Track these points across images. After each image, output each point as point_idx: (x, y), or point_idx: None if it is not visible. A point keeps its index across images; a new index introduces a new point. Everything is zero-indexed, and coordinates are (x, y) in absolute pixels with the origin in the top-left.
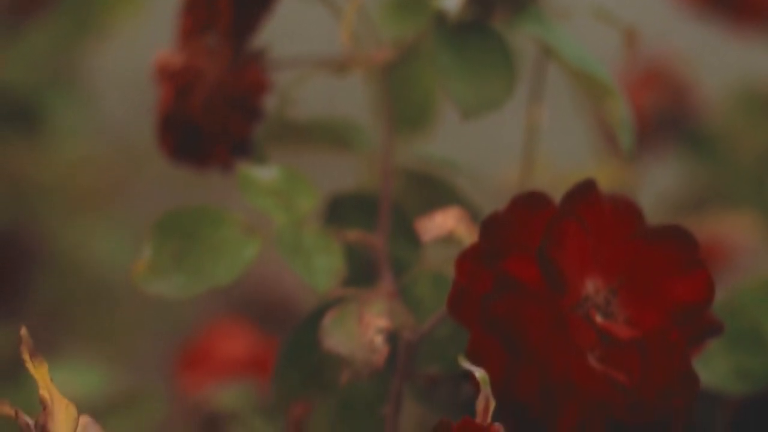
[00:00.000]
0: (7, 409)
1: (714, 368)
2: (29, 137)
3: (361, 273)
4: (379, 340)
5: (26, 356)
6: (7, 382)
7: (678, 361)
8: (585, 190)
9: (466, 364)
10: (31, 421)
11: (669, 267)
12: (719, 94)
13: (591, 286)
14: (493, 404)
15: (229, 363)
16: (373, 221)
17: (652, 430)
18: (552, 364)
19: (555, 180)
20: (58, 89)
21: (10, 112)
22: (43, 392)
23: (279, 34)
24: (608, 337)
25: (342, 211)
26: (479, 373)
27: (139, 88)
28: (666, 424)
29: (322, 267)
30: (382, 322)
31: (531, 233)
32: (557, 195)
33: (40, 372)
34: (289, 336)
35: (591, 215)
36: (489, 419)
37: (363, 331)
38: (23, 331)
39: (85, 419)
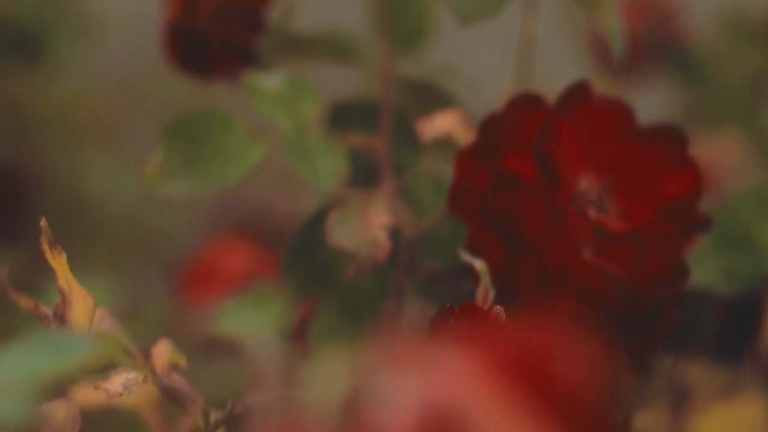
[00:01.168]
0: (26, 301)
1: (704, 269)
2: (32, 69)
3: (363, 177)
4: (381, 236)
5: (45, 247)
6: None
7: (669, 253)
8: (579, 91)
9: (466, 257)
10: (49, 312)
11: (660, 164)
12: (708, 18)
13: (585, 182)
14: (492, 293)
15: (232, 278)
16: (374, 127)
17: (645, 320)
18: (548, 256)
19: (547, 93)
20: (62, 22)
21: (13, 44)
22: (62, 282)
23: None
24: (601, 230)
25: (344, 117)
26: (479, 264)
27: (141, 23)
28: (658, 314)
29: (326, 168)
30: (385, 219)
31: (527, 132)
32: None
33: (59, 262)
34: (294, 235)
35: (585, 114)
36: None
37: (366, 227)
38: (43, 222)
39: (101, 311)
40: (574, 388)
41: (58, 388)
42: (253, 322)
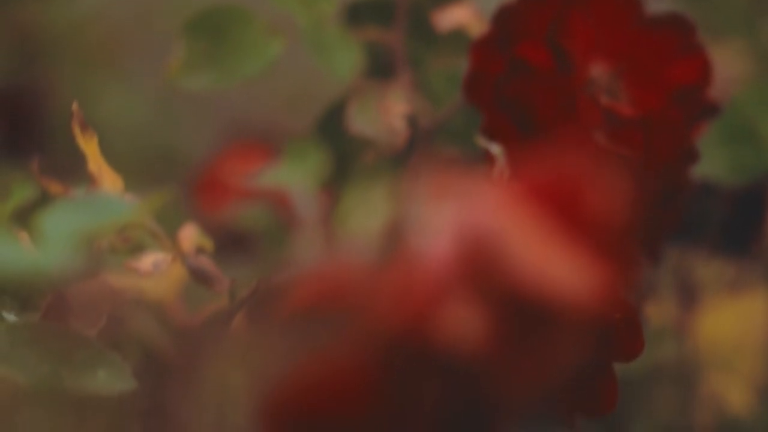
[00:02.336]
0: (57, 186)
1: (711, 161)
2: None
3: (380, 70)
4: (399, 123)
5: (77, 130)
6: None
7: (679, 137)
8: None
9: (483, 142)
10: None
11: (669, 51)
12: None
13: (596, 70)
14: (507, 174)
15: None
16: (390, 21)
17: (658, 202)
18: (561, 140)
19: None
20: None
21: None
22: (93, 166)
23: None
24: (612, 115)
25: (360, 12)
26: (495, 147)
27: None
28: (670, 196)
29: (343, 61)
30: (402, 108)
31: (540, 21)
32: None
33: (90, 146)
34: (312, 126)
35: (595, 4)
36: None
37: (384, 115)
38: (75, 105)
39: (129, 196)
40: (603, 215)
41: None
42: (293, 173)
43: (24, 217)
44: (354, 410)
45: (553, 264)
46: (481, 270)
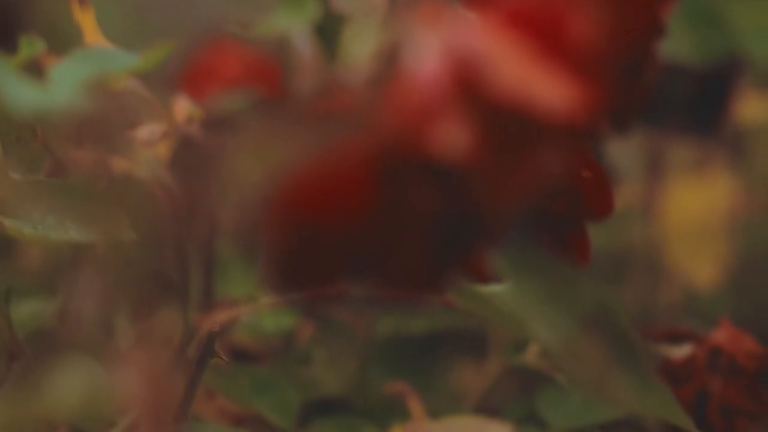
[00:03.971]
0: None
1: (678, 42)
2: None
3: None
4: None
5: (75, 3)
6: None
7: (647, 11)
8: None
9: None
10: None
11: None
12: None
13: None
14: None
15: (229, 79)
16: None
17: (625, 73)
18: None
19: None
20: None
21: None
22: (90, 38)
23: None
24: None
25: None
26: None
27: None
28: (638, 66)
29: None
30: None
31: None
32: None
33: (87, 18)
34: None
35: None
36: None
37: None
38: None
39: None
40: (582, 39)
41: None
42: (290, 20)
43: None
44: (353, 211)
45: (534, 80)
46: (468, 86)
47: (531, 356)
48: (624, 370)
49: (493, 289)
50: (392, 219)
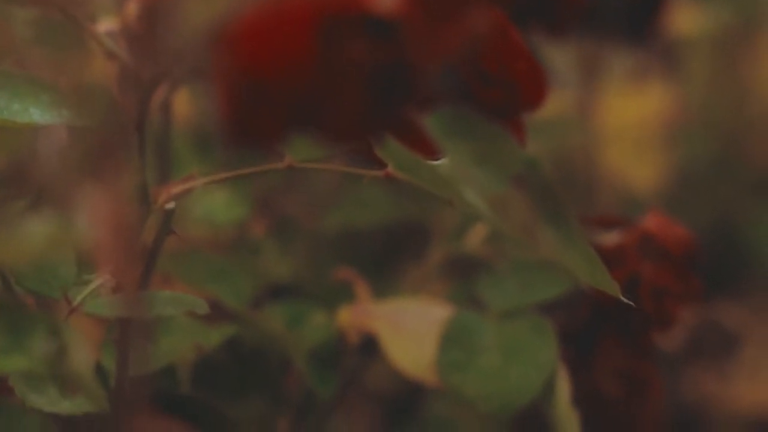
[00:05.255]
0: None
1: None
2: None
3: None
4: None
5: None
6: None
7: None
8: None
9: None
10: None
11: None
12: None
13: None
14: None
15: None
16: None
17: None
18: None
19: None
20: None
21: None
22: None
23: None
24: None
25: None
26: None
27: None
28: None
29: None
30: None
31: None
32: None
33: None
34: None
35: None
36: None
37: None
38: None
39: None
40: None
41: None
42: None
43: None
44: (296, 60)
45: None
46: None
47: (471, 244)
48: (549, 222)
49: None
50: (331, 70)
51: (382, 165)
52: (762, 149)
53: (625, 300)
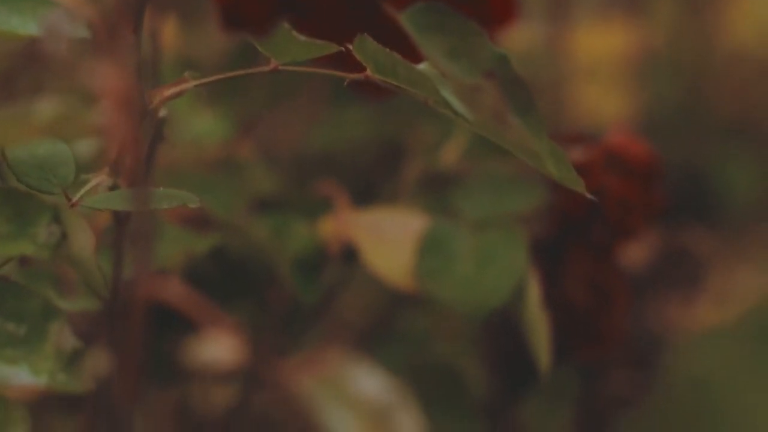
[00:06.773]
0: None
1: None
2: None
3: None
4: None
5: None
6: None
7: None
8: None
9: None
10: None
11: None
12: None
13: None
14: None
15: None
16: None
17: None
18: None
19: None
20: None
21: None
22: None
23: None
24: None
25: None
26: None
27: None
28: None
29: None
30: None
31: None
32: None
33: None
34: None
35: None
36: None
37: None
38: None
39: None
40: None
41: None
42: None
43: None
44: None
45: None
46: None
47: (447, 160)
48: (518, 112)
49: None
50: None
51: (361, 70)
52: (726, 89)
53: (591, 204)
